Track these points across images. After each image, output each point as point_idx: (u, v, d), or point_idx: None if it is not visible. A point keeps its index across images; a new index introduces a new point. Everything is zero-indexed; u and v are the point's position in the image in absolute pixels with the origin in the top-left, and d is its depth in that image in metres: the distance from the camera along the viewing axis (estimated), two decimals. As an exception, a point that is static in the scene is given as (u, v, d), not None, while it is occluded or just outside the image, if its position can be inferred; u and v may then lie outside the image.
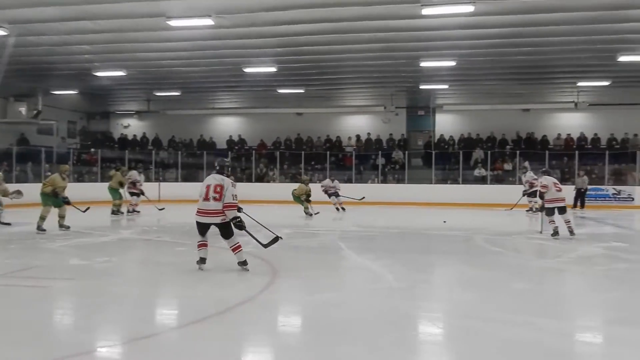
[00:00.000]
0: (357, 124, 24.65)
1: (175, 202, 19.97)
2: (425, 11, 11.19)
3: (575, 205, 18.10)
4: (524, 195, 14.95)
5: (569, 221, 9.93)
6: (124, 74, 17.96)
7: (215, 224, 6.38)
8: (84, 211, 11.55)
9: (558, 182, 10.28)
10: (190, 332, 4.28)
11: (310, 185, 15.04)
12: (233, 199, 6.30)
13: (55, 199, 10.48)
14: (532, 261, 7.75)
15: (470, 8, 11.02)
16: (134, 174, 14.98)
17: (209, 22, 12.01)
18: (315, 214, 14.16)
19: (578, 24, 12.43)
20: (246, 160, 23.07)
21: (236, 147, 24.36)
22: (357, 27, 12.77)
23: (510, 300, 5.41)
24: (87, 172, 21.69)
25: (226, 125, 25.71)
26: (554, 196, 9.86)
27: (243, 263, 6.48)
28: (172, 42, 14.37)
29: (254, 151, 23.30)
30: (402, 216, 15.69)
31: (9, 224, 11.56)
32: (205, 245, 6.58)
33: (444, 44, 14.32)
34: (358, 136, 23.92)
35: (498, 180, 20.82)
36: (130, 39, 14.00)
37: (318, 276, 6.69)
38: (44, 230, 10.14)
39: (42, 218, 10.29)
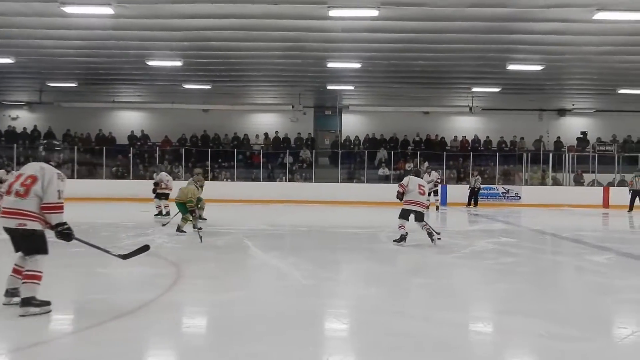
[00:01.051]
0: (265, 122, 24.61)
1: (71, 200, 18.83)
2: (332, 13, 11.41)
3: (469, 203, 19.30)
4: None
5: (426, 225, 9.02)
6: (12, 62, 16.61)
7: (10, 229, 4.50)
8: None
9: (424, 185, 9.39)
10: (87, 337, 4.06)
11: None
12: (59, 197, 4.60)
13: None
14: (431, 257, 8.15)
15: (374, 12, 11.39)
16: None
17: (108, 10, 11.43)
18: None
19: (473, 33, 13.27)
20: (149, 157, 22.22)
21: (139, 143, 23.38)
22: (265, 24, 12.74)
23: (410, 294, 5.68)
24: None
25: (128, 120, 24.61)
26: (415, 199, 9.01)
27: (24, 302, 4.46)
28: (68, 30, 13.49)
29: (157, 147, 22.49)
30: (309, 214, 15.88)
31: None
32: (17, 270, 4.64)
33: (349, 46, 14.68)
34: (266, 134, 23.87)
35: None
36: (20, 24, 12.98)
37: (224, 275, 6.60)
38: None
39: None
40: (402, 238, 8.82)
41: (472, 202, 19.33)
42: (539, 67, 16.48)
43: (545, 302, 5.44)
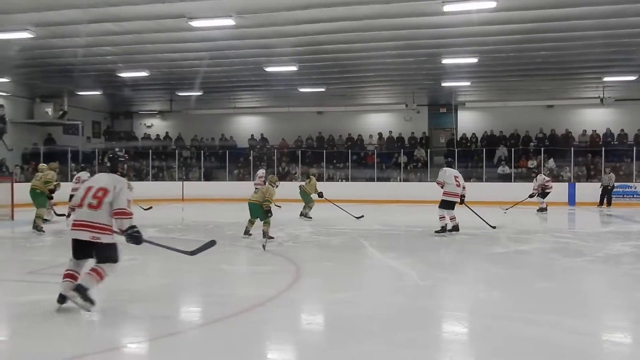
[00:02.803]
0: (378, 122, 24.57)
1: (198, 200, 20.21)
2: (447, 8, 11.09)
3: (601, 203, 17.78)
4: (530, 197, 15.25)
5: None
6: (147, 75, 18.20)
7: (80, 241, 4.69)
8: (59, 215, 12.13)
9: (459, 176, 10.64)
10: (213, 330, 4.33)
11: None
12: (128, 205, 4.79)
13: (41, 198, 10.69)
14: (558, 260, 7.63)
15: (492, 4, 10.90)
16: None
17: (230, 22, 12.09)
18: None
19: (602, 18, 12.20)
20: (268, 159, 23.19)
21: (258, 146, 24.50)
22: (377, 24, 12.73)
23: (535, 300, 5.34)
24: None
25: (248, 125, 25.87)
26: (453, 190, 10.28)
27: (78, 288, 4.62)
28: (194, 42, 14.51)
29: (275, 150, 23.39)
30: (424, 214, 15.56)
31: (63, 214, 11.96)
32: (74, 276, 4.77)
33: (465, 40, 14.18)
34: (380, 134, 23.83)
35: (522, 177, 20.54)
36: (153, 39, 14.18)
37: (341, 274, 6.69)
38: (43, 230, 10.34)
39: (40, 217, 10.52)
40: (450, 228, 9.54)
41: (605, 201, 17.78)
42: (683, 50, 14.74)
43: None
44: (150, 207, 14.05)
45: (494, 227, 10.91)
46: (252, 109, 25.59)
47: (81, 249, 4.74)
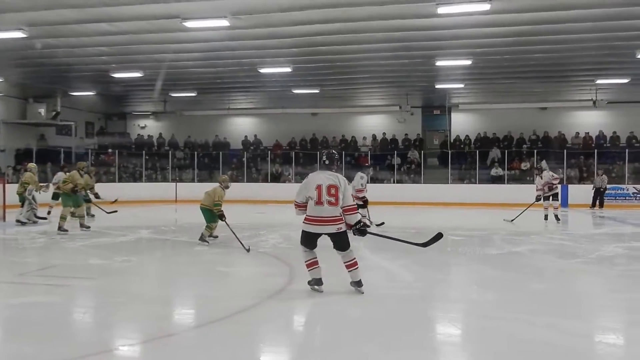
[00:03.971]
0: (372, 123, 24.60)
1: (192, 202, 20.14)
2: (441, 10, 11.12)
3: (594, 205, 17.88)
4: (537, 200, 12.92)
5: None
6: (141, 75, 18.13)
7: (330, 234, 5.37)
8: (109, 213, 11.91)
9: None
10: (208, 331, 4.31)
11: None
12: (353, 201, 5.44)
13: (75, 198, 10.54)
14: (551, 261, 7.66)
15: (486, 6, 10.94)
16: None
17: (224, 23, 12.07)
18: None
19: (595, 20, 12.27)
20: (261, 161, 23.15)
21: (251, 147, 24.47)
22: (372, 26, 12.75)
23: (529, 301, 5.36)
24: (105, 172, 21.92)
25: (241, 126, 25.83)
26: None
27: (357, 283, 5.48)
28: (188, 43, 14.47)
29: (269, 151, 23.37)
30: (418, 216, 15.62)
31: (45, 218, 11.92)
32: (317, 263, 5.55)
33: (459, 42, 14.23)
34: (374, 136, 23.86)
35: (515, 179, 20.63)
36: (147, 40, 14.14)
37: (335, 276, 6.66)
38: (66, 230, 10.21)
39: (63, 218, 10.34)
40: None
41: (598, 203, 17.88)
42: (675, 54, 14.86)
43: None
44: (115, 211, 12.46)
45: (380, 225, 11.22)
46: (246, 110, 25.56)
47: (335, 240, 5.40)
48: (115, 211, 12.29)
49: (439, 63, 16.16)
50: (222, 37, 13.67)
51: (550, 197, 12.66)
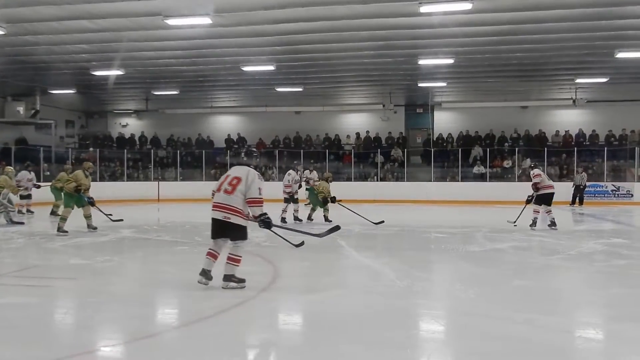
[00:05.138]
0: (355, 122, 24.66)
1: (175, 201, 20.01)
2: (424, 9, 11.19)
3: (573, 202, 18.15)
4: (528, 202, 11.34)
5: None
6: (122, 73, 17.94)
7: (216, 220, 5.47)
8: (114, 220, 11.75)
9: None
10: (191, 331, 4.28)
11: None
12: (259, 194, 5.42)
13: (78, 198, 10.13)
14: (532, 258, 7.75)
15: (468, 5, 11.04)
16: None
17: (207, 20, 12.00)
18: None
19: (576, 20, 12.45)
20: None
21: (235, 146, 24.36)
22: (355, 25, 12.77)
23: (510, 297, 5.42)
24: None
25: (225, 124, 25.71)
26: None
27: (226, 277, 5.46)
28: (170, 40, 14.36)
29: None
30: (401, 214, 15.70)
31: (22, 223, 11.70)
32: (212, 254, 5.57)
33: (442, 41, 14.34)
34: (357, 134, 23.92)
35: (497, 177, 20.84)
36: (128, 37, 14.00)
37: (318, 274, 6.69)
38: (66, 232, 9.73)
39: (64, 219, 9.87)
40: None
41: (577, 200, 18.15)
42: (653, 54, 15.13)
43: (665, 309, 4.99)
44: (121, 220, 11.96)
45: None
46: (229, 108, 25.45)
47: (216, 229, 5.51)
48: (121, 220, 11.96)
49: (421, 62, 16.25)
50: (204, 35, 13.59)
51: (533, 199, 11.01)
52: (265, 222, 5.46)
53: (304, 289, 5.85)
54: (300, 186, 11.77)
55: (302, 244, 7.91)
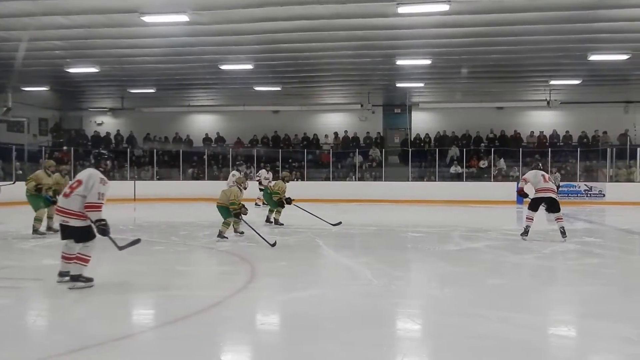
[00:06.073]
0: (334, 121, 24.71)
1: (151, 200, 19.78)
2: (401, 9, 11.26)
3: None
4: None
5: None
6: (97, 71, 17.66)
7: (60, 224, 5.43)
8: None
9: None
10: (167, 332, 4.24)
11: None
12: (98, 198, 5.33)
13: (45, 198, 9.85)
14: (507, 257, 7.86)
15: (445, 7, 11.13)
16: None
17: (184, 18, 11.88)
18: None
19: (550, 23, 12.66)
20: (223, 159, 22.92)
21: (213, 145, 24.19)
22: (333, 24, 12.79)
23: (486, 296, 5.48)
24: (57, 169, 21.24)
25: (202, 123, 25.51)
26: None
27: (71, 277, 5.42)
28: (147, 38, 14.18)
29: (230, 149, 23.16)
30: (379, 213, 15.78)
31: None
32: (65, 257, 5.52)
33: (419, 42, 14.43)
34: (335, 134, 23.97)
35: (473, 177, 21.10)
36: (104, 34, 13.76)
37: (296, 274, 6.68)
38: (44, 233, 9.47)
39: (38, 220, 9.53)
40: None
41: (551, 200, 18.44)
42: (624, 57, 15.46)
43: (634, 305, 5.11)
44: None
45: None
46: (207, 107, 25.25)
47: (62, 232, 5.46)
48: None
49: (399, 62, 16.35)
50: (181, 33, 13.45)
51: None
52: (100, 228, 5.34)
53: (282, 289, 5.84)
54: (245, 187, 11.18)
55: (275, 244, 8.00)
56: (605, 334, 4.18)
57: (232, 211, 8.97)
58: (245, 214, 9.06)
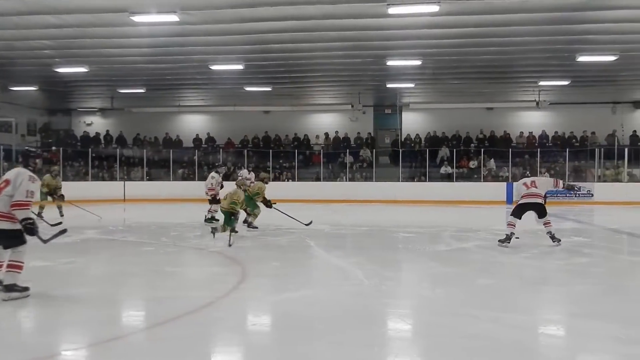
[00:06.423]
0: (324, 122, 24.72)
1: (141, 201, 19.68)
2: (392, 10, 11.28)
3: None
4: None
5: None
6: (86, 70, 17.52)
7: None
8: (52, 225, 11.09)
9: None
10: (158, 333, 4.22)
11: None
12: (26, 196, 5.02)
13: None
14: (497, 257, 7.90)
15: (435, 8, 11.17)
16: None
17: (174, 18, 11.82)
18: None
19: (539, 24, 12.76)
20: (213, 159, 22.84)
21: (203, 145, 24.10)
22: (324, 25, 12.79)
23: (476, 296, 5.51)
24: (47, 170, 21.10)
25: (193, 123, 25.41)
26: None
27: (6, 287, 5.02)
28: (136, 38, 14.08)
29: (221, 149, 23.09)
30: (370, 214, 15.81)
31: None
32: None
33: (409, 43, 14.47)
34: (326, 134, 23.97)
35: (464, 177, 21.20)
36: (93, 34, 13.65)
37: (287, 274, 6.68)
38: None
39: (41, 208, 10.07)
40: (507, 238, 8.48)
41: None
42: (612, 58, 15.59)
43: (623, 305, 5.16)
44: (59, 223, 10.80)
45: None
46: (197, 107, 25.14)
47: None
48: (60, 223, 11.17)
49: (389, 63, 16.38)
50: (171, 33, 13.38)
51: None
52: (27, 228, 5.02)
53: (273, 289, 5.83)
54: (222, 186, 11.50)
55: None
56: (595, 333, 4.22)
57: (231, 210, 9.00)
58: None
